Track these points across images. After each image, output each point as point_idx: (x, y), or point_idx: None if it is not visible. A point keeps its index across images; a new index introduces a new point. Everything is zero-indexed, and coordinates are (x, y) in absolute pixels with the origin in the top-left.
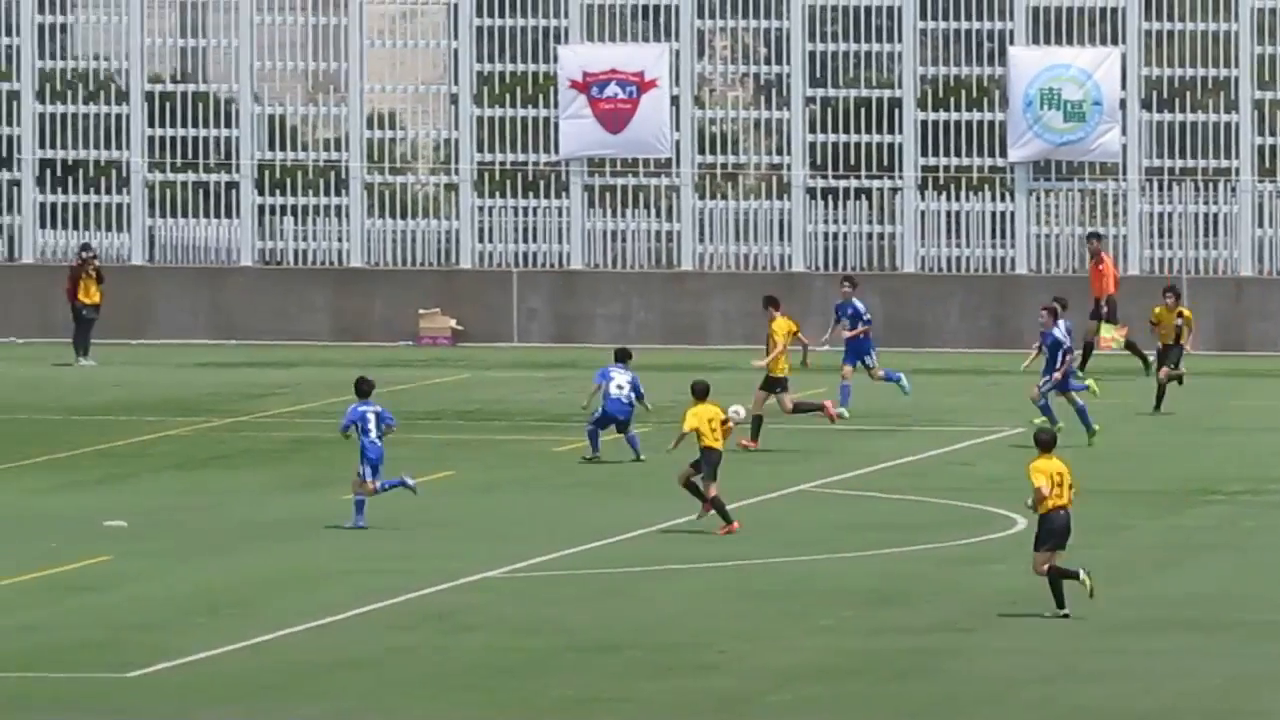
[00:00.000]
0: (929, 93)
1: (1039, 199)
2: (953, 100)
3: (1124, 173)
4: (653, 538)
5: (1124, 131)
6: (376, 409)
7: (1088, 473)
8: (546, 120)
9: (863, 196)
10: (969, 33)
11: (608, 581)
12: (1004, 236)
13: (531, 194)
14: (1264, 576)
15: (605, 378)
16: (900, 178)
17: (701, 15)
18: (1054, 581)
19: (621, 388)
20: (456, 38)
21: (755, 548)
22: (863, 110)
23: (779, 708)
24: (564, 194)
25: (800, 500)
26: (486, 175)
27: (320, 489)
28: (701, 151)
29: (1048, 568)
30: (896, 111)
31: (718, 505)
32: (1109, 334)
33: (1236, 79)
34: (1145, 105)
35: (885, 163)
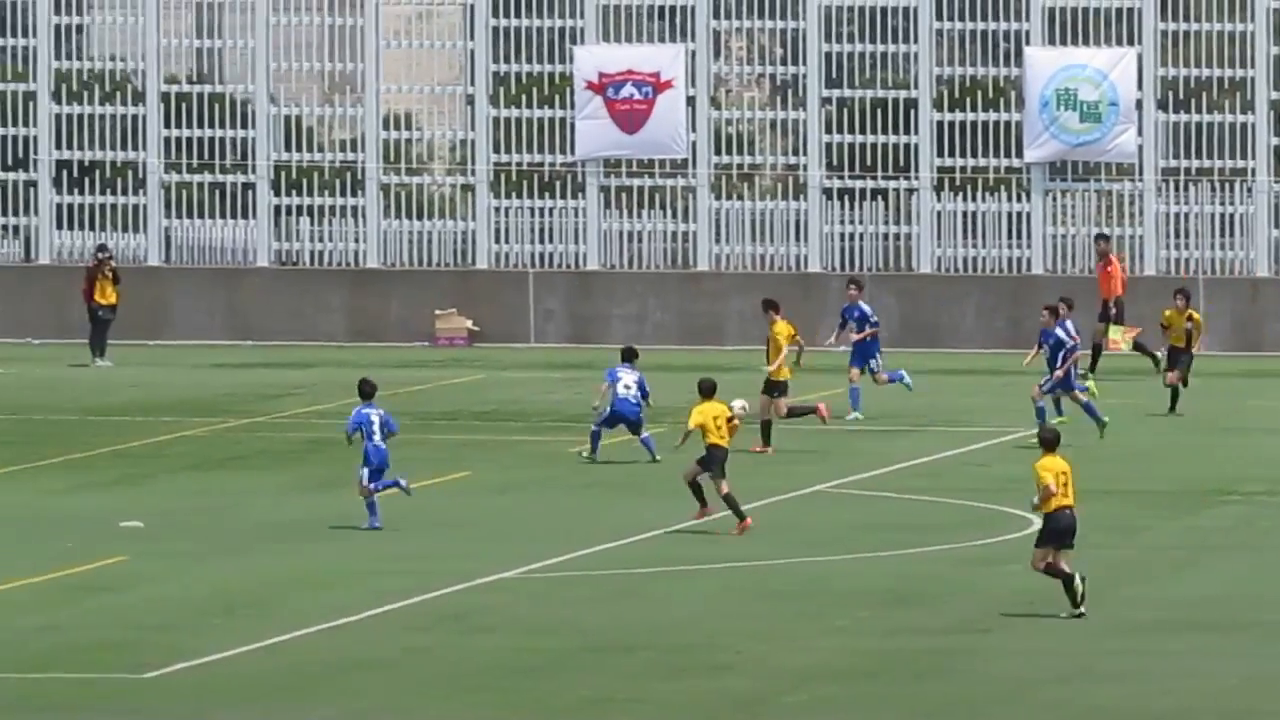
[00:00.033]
0: (945, 93)
1: (1055, 199)
2: (968, 101)
3: (1140, 173)
4: (668, 538)
5: (1140, 132)
6: (380, 412)
7: (1103, 474)
8: (562, 121)
9: (879, 197)
10: (985, 33)
11: (623, 582)
12: (1020, 237)
13: (547, 195)
14: None
15: (613, 378)
16: (916, 178)
17: (717, 16)
18: (1068, 582)
19: (629, 387)
20: (472, 38)
21: (771, 548)
22: (878, 111)
23: (794, 709)
24: (580, 195)
25: (816, 501)
26: (502, 176)
27: (336, 490)
28: (717, 152)
29: (1044, 565)
30: (912, 112)
31: (730, 502)
32: (1116, 336)
33: (1252, 79)
34: (1161, 106)
35: (901, 163)
